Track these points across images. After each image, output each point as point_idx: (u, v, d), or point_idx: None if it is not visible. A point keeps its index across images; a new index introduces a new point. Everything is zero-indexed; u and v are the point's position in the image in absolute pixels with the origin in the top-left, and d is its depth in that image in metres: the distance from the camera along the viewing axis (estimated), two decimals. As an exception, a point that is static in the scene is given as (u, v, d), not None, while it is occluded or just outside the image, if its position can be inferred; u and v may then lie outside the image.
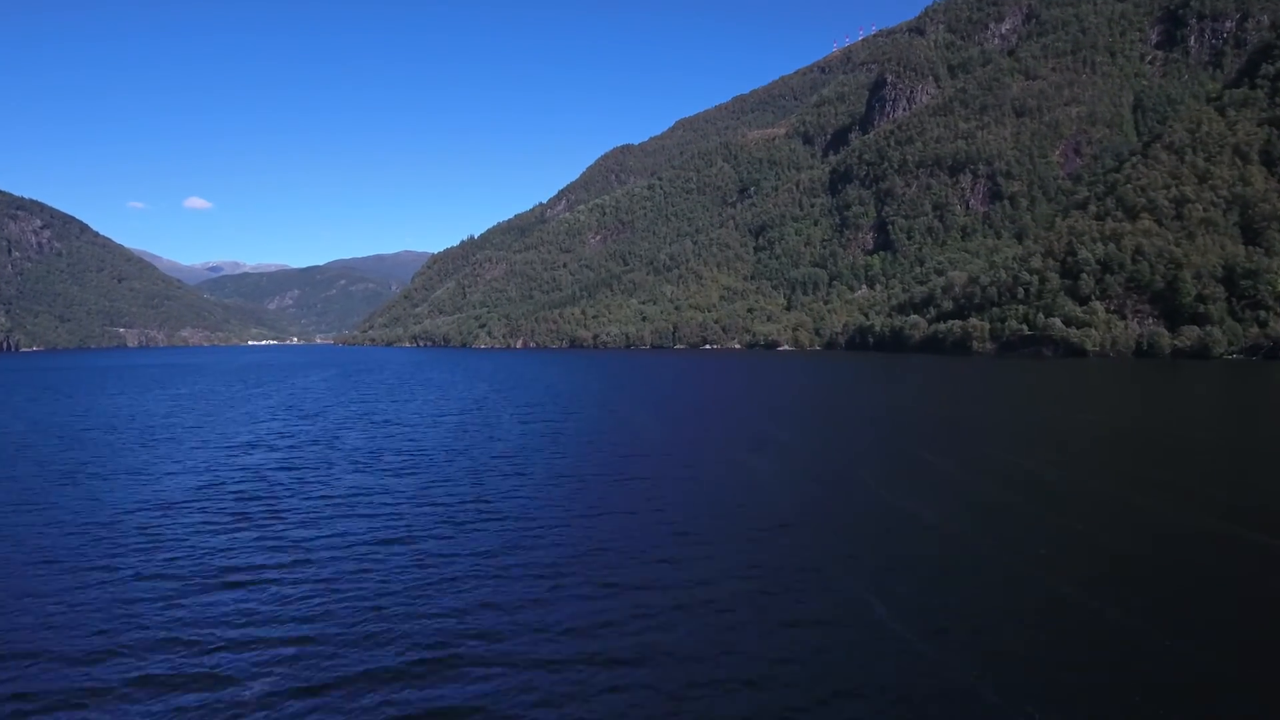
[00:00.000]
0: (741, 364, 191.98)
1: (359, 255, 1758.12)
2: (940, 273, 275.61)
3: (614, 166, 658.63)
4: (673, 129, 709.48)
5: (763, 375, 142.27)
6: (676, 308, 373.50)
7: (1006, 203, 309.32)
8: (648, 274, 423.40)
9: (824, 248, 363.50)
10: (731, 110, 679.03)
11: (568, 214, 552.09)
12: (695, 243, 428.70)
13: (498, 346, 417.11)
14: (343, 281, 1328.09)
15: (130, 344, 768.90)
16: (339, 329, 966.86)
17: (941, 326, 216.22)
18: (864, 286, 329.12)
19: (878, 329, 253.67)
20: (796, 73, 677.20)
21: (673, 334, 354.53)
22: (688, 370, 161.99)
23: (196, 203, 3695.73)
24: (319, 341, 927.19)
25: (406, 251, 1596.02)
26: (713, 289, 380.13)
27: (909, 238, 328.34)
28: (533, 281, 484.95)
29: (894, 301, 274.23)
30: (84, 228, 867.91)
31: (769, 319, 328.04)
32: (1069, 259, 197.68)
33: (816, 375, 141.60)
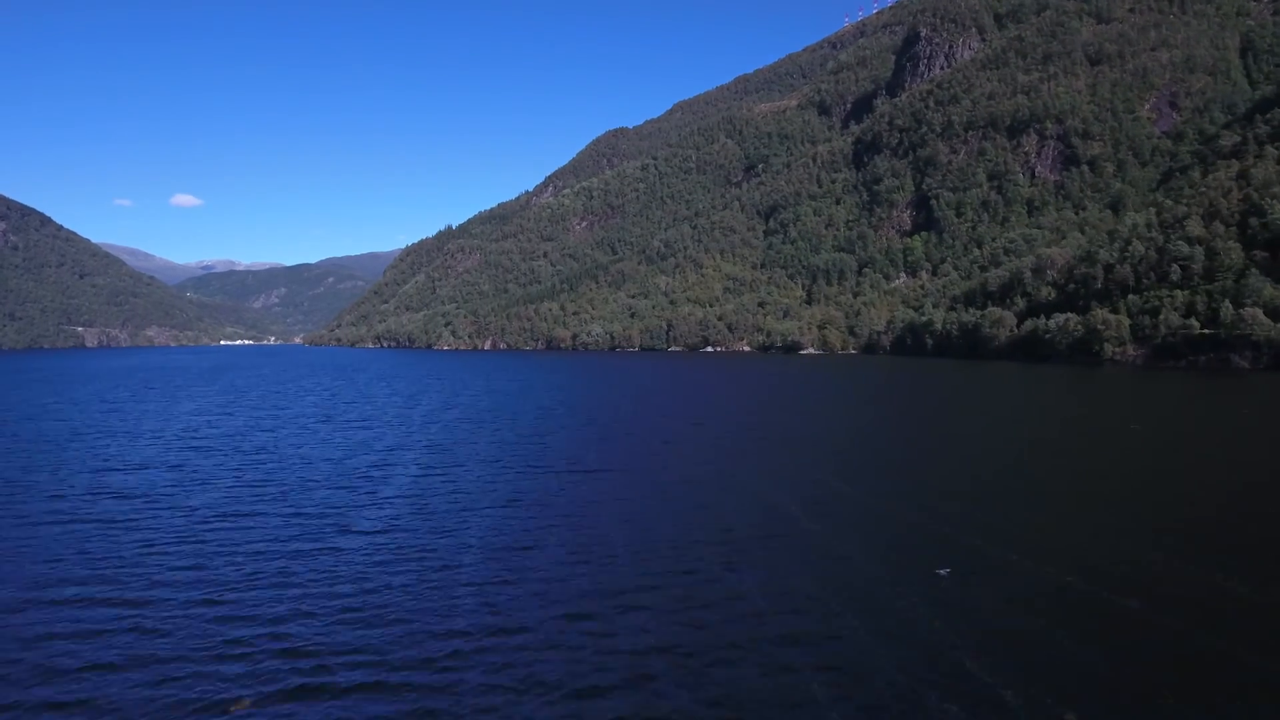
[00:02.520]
0: (754, 376, 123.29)
1: (354, 253, 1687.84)
2: (1013, 253, 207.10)
3: (606, 151, 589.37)
4: (670, 111, 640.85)
5: (801, 411, 73.37)
6: (671, 302, 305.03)
7: (1085, 168, 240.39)
8: (639, 263, 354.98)
9: (850, 229, 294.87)
10: (734, 91, 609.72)
11: (551, 199, 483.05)
12: (694, 227, 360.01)
13: (463, 348, 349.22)
14: (330, 279, 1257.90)
15: (89, 344, 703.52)
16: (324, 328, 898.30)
17: (1046, 324, 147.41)
18: (903, 275, 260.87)
19: (939, 326, 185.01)
20: (805, 50, 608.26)
21: (666, 333, 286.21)
22: (675, 387, 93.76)
23: (186, 200, 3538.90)
24: (296, 341, 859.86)
25: (399, 249, 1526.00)
26: (715, 280, 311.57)
27: (959, 214, 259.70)
28: (508, 273, 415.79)
29: (955, 291, 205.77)
30: (45, 220, 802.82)
31: (785, 315, 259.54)
32: (1252, 221, 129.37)
33: (891, 405, 72.77)
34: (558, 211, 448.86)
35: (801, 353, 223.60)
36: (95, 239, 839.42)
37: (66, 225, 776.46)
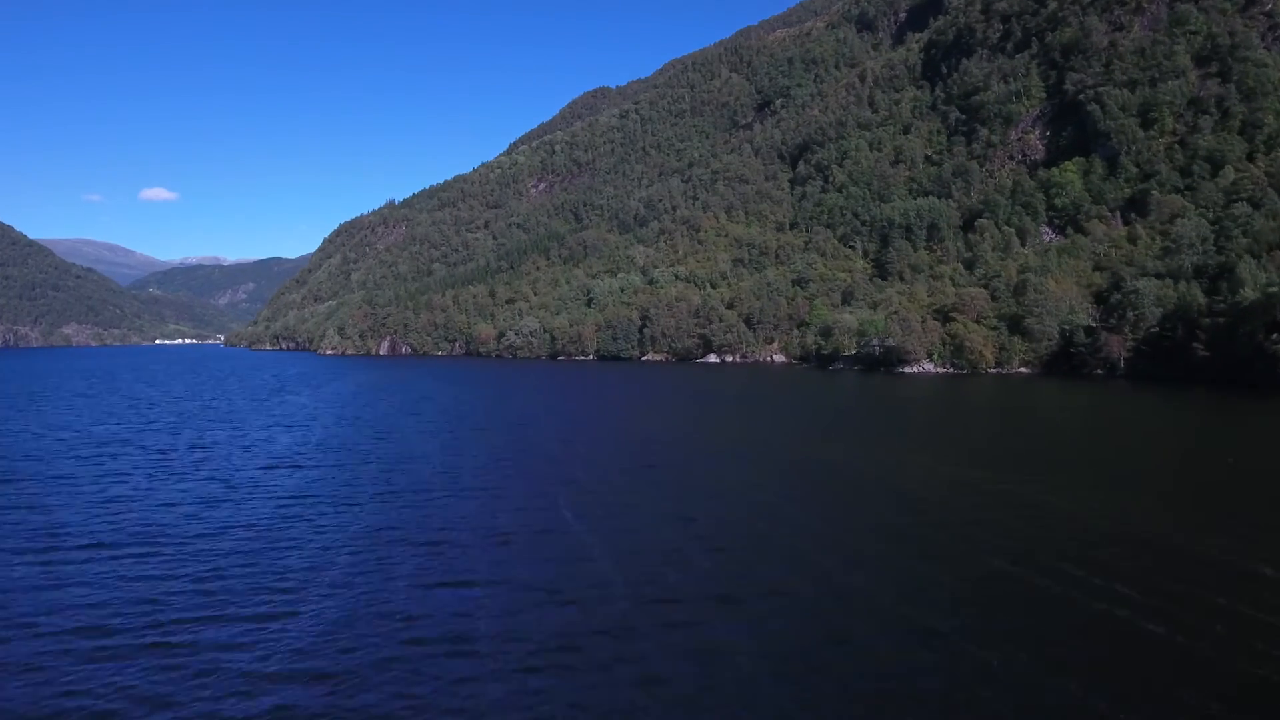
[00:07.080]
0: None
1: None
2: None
3: (584, 112, 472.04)
4: (662, 70, 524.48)
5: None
6: (651, 281, 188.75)
7: None
8: (609, 231, 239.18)
9: (934, 165, 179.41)
10: (734, 46, 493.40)
11: (504, 157, 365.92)
12: (688, 180, 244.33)
13: (351, 352, 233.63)
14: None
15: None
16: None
17: None
18: (1050, 231, 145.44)
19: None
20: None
21: (640, 331, 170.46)
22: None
23: (158, 193, 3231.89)
24: (216, 341, 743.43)
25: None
26: (719, 247, 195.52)
27: (1145, 124, 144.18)
28: (435, 250, 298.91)
29: (1267, 236, 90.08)
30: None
31: (847, 299, 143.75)
32: None
33: None
34: (510, 172, 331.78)
35: (906, 370, 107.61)
36: (72, 235, 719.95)
37: (41, 224, 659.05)
